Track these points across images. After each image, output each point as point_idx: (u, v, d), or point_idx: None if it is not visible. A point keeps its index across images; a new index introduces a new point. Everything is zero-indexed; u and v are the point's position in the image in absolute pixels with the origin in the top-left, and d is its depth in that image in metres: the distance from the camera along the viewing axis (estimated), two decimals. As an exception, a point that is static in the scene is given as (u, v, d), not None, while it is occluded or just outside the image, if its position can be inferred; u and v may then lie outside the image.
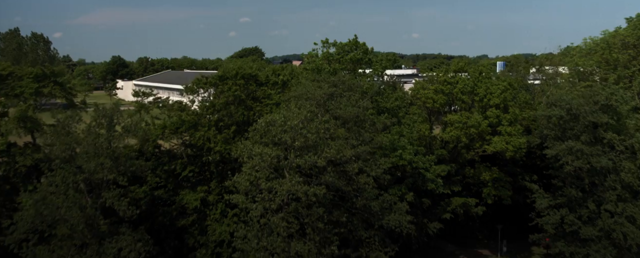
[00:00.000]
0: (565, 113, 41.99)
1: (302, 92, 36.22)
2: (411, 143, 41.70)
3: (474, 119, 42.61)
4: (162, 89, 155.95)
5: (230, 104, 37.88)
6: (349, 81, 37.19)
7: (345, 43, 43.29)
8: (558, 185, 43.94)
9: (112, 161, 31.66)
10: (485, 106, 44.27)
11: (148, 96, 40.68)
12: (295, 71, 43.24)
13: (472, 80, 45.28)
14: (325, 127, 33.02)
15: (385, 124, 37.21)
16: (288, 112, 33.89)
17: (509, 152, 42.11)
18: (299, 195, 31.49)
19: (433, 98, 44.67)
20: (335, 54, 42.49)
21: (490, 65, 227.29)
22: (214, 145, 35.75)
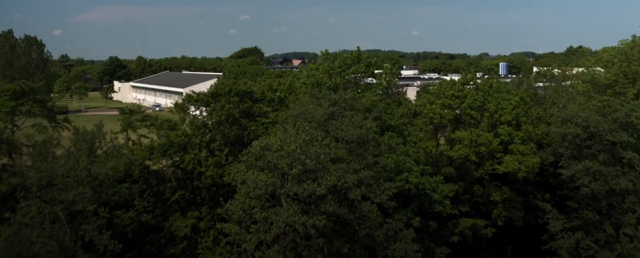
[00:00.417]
0: (582, 131, 39.33)
1: (300, 111, 33.57)
2: (417, 162, 39.11)
3: (485, 137, 39.95)
4: (160, 91, 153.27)
5: (223, 123, 35.21)
6: (351, 99, 34.47)
7: (347, 55, 40.62)
8: (573, 207, 41.33)
9: (93, 190, 29.00)
10: (496, 122, 41.61)
11: (135, 113, 37.93)
12: (294, 86, 40.56)
13: (482, 94, 42.57)
14: (325, 152, 30.39)
15: (390, 145, 34.56)
16: (285, 135, 31.25)
17: (521, 172, 39.48)
18: (296, 227, 28.98)
19: (440, 113, 42.01)
20: (336, 67, 39.79)
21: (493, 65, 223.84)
22: (205, 169, 33.10)
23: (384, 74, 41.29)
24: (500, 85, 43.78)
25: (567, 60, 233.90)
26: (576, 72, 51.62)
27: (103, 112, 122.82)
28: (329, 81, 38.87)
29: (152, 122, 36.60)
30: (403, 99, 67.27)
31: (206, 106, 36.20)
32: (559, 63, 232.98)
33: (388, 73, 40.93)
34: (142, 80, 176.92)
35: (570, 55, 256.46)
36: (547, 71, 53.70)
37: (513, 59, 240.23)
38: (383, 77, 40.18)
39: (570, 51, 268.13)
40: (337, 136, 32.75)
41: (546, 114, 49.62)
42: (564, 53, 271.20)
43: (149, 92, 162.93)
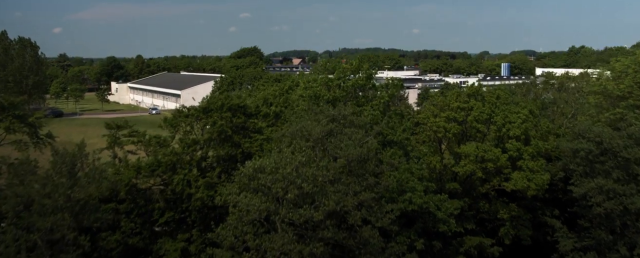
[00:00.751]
0: (595, 147, 37.24)
1: (297, 128, 31.47)
2: (420, 179, 37.06)
3: (492, 153, 37.87)
4: (157, 93, 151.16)
5: (215, 140, 33.14)
6: (351, 115, 32.37)
7: (346, 66, 38.50)
8: (585, 226, 39.30)
9: (73, 216, 26.94)
10: (503, 136, 39.52)
11: (122, 128, 35.84)
12: (290, 99, 38.47)
13: (489, 106, 40.46)
14: (323, 174, 28.34)
15: (392, 164, 32.47)
16: (280, 156, 29.20)
17: (531, 190, 37.40)
18: (292, 256, 27.01)
19: (445, 127, 39.90)
20: (335, 78, 37.66)
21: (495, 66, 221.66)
22: (194, 190, 31.02)
23: (385, 86, 39.11)
24: (507, 97, 41.61)
25: (569, 60, 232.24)
26: (586, 81, 49.42)
27: (99, 115, 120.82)
28: (328, 94, 36.74)
29: (139, 138, 34.49)
30: (405, 107, 65.20)
31: (197, 121, 34.08)
32: (561, 63, 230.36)
33: (390, 85, 38.77)
34: (140, 81, 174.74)
35: (572, 55, 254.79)
36: (554, 77, 51.43)
37: (515, 59, 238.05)
38: (384, 90, 38.01)
39: (573, 51, 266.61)
40: (335, 155, 30.70)
41: (555, 124, 47.54)
42: (567, 53, 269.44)
43: (146, 94, 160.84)
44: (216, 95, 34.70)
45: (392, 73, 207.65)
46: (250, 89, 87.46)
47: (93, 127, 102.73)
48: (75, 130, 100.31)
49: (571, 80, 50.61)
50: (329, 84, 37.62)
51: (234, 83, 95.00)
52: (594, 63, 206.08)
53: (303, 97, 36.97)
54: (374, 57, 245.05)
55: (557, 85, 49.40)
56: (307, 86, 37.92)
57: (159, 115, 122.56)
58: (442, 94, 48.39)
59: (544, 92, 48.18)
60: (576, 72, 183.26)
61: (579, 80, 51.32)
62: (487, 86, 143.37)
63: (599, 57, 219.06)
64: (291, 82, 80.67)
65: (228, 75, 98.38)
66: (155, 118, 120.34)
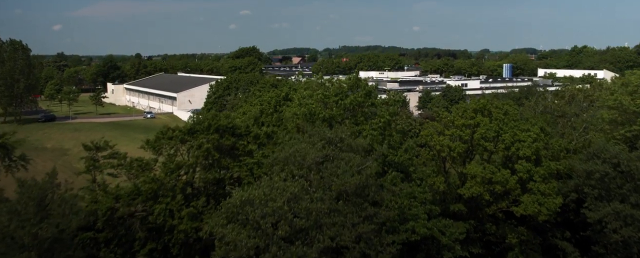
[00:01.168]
0: (611, 169, 34.63)
1: (289, 153, 28.86)
2: (423, 203, 34.49)
3: (501, 175, 35.25)
4: (153, 95, 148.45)
5: (201, 164, 30.53)
6: (348, 139, 29.73)
7: (344, 80, 35.86)
8: (599, 252, 36.73)
9: (40, 256, 24.32)
10: (512, 156, 36.88)
11: (103, 150, 33.20)
12: (284, 117, 35.84)
13: (496, 123, 37.80)
14: (317, 207, 25.76)
15: (393, 191, 29.89)
16: (270, 185, 26.62)
17: (542, 215, 34.80)
18: (284, 298, 24.49)
19: (449, 146, 37.25)
20: (332, 94, 34.99)
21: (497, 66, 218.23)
22: (177, 222, 28.38)
23: (386, 102, 36.48)
24: (515, 112, 38.93)
25: (571, 60, 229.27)
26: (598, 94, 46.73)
27: (92, 119, 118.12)
28: (324, 112, 34.09)
29: (120, 161, 31.84)
30: (405, 117, 62.49)
31: (182, 143, 31.42)
32: (563, 63, 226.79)
33: (391, 102, 36.14)
34: (136, 82, 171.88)
35: (575, 55, 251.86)
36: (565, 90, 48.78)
37: (516, 59, 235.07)
38: (384, 108, 35.32)
39: (575, 51, 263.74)
40: (331, 184, 28.09)
41: (565, 138, 44.87)
42: (569, 53, 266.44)
43: (142, 95, 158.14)
44: (202, 114, 32.03)
45: (392, 74, 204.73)
46: (246, 94, 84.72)
47: (85, 132, 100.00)
48: (66, 136, 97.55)
49: (582, 91, 47.96)
50: (325, 101, 34.96)
51: (229, 88, 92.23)
52: (597, 64, 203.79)
53: (297, 115, 34.32)
54: (374, 57, 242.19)
55: (567, 97, 46.73)
56: (302, 102, 35.27)
57: (154, 119, 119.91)
58: (446, 109, 45.68)
59: (553, 104, 45.52)
60: (579, 74, 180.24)
61: (591, 92, 48.63)
62: (489, 88, 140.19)
63: (602, 58, 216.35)
64: (288, 89, 78.11)
65: (224, 80, 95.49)
66: (149, 122, 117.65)
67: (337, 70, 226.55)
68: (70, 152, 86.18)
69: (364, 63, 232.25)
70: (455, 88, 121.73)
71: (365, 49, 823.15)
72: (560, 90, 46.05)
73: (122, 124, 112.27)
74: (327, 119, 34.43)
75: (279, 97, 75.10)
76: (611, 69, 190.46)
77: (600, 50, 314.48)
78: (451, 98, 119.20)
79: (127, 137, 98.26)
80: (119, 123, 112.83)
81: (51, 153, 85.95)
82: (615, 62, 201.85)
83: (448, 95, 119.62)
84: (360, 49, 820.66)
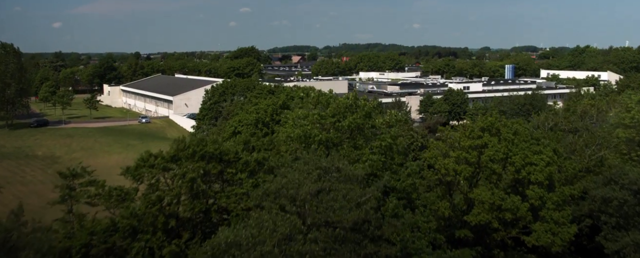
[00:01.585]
0: (631, 196, 32.04)
1: (281, 184, 26.30)
2: (427, 232, 32.00)
3: (511, 201, 32.66)
4: (149, 98, 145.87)
5: (185, 194, 27.96)
6: (346, 168, 27.14)
7: (342, 99, 33.25)
8: (617, 285, 34.14)
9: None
10: (523, 180, 34.28)
11: (80, 176, 30.62)
12: (277, 141, 33.24)
13: (505, 144, 35.19)
14: (311, 250, 23.23)
15: (395, 225, 27.31)
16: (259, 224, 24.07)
17: (556, 246, 32.24)
18: None
19: (456, 169, 34.67)
20: (329, 115, 32.37)
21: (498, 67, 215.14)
22: (158, 262, 25.80)
23: (387, 123, 33.90)
24: (526, 132, 36.29)
25: (574, 60, 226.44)
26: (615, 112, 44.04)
27: (86, 124, 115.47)
28: (320, 134, 31.48)
29: (98, 189, 29.26)
30: (407, 129, 59.84)
31: (165, 171, 28.83)
32: (566, 63, 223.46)
33: (393, 120, 33.55)
34: (133, 84, 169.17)
35: (577, 55, 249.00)
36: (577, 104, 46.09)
37: (518, 60, 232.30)
38: (386, 130, 32.73)
39: (578, 50, 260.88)
40: (327, 220, 25.54)
41: (576, 155, 42.24)
42: (571, 53, 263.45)
43: (138, 98, 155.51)
44: (187, 140, 29.39)
45: (393, 75, 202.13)
46: (242, 101, 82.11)
47: (78, 139, 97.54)
48: (58, 142, 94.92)
49: (595, 106, 45.33)
50: (321, 122, 32.35)
51: (225, 93, 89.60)
52: (601, 65, 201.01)
53: (291, 138, 31.72)
54: (375, 57, 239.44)
55: (579, 112, 44.11)
56: (296, 123, 32.67)
57: (149, 123, 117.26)
58: (452, 128, 43.13)
59: (564, 121, 42.89)
60: (583, 75, 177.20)
61: (604, 107, 45.99)
62: (491, 91, 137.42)
63: (605, 59, 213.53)
64: (285, 96, 75.46)
65: (219, 85, 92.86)
66: (144, 127, 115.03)
67: (337, 70, 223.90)
68: (61, 160, 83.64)
69: (364, 63, 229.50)
70: (457, 92, 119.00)
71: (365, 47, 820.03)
72: (571, 104, 43.40)
73: (116, 129, 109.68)
74: (324, 142, 31.84)
75: (276, 105, 72.60)
76: (615, 70, 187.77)
77: (603, 50, 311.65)
78: (453, 102, 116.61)
79: (120, 143, 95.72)
80: (112, 128, 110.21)
81: (41, 161, 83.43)
82: (619, 63, 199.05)
83: (450, 99, 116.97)
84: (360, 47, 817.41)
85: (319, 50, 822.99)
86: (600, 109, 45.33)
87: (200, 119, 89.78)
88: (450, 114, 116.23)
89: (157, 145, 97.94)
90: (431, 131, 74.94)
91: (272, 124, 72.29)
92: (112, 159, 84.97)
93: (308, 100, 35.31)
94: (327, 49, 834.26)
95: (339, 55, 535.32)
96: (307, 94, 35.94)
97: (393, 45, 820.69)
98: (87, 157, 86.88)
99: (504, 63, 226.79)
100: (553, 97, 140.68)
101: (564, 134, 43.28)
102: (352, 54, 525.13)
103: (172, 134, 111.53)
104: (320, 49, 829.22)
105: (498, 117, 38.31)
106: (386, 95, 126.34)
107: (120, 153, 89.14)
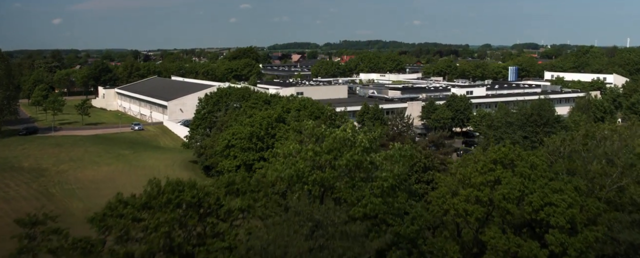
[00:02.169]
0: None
1: (267, 242, 22.76)
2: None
3: (528, 248, 29.12)
4: (144, 102, 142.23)
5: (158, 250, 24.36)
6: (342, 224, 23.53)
7: (338, 132, 29.53)
8: None
9: None
10: (542, 222, 30.68)
11: (41, 224, 26.99)
12: (264, 184, 29.59)
13: (521, 180, 31.57)
14: None
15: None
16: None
17: (579, 300, 28.66)
18: None
19: (466, 209, 31.08)
20: (324, 151, 28.68)
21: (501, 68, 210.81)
22: None
23: (390, 158, 30.16)
24: (545, 166, 32.64)
25: (578, 61, 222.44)
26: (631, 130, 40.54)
27: (77, 132, 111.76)
28: (314, 174, 27.84)
29: (61, 241, 25.65)
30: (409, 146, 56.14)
31: (135, 222, 25.21)
32: (570, 64, 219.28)
33: (396, 157, 29.83)
34: (128, 87, 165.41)
35: (581, 56, 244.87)
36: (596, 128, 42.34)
37: (521, 61, 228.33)
38: (387, 167, 29.01)
39: (582, 50, 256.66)
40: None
41: (594, 183, 38.60)
42: (575, 53, 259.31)
43: (133, 101, 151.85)
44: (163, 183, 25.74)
45: (394, 76, 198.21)
46: (236, 111, 78.47)
47: (67, 148, 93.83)
48: (46, 152, 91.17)
49: (616, 132, 41.64)
50: (315, 159, 28.67)
51: (219, 102, 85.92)
52: (606, 67, 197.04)
53: (282, 178, 28.08)
54: (375, 58, 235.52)
55: (598, 138, 40.50)
56: (287, 161, 28.99)
57: (142, 131, 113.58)
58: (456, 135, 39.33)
59: (581, 147, 39.24)
60: (588, 77, 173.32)
61: (627, 133, 42.28)
62: (495, 96, 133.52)
63: (611, 60, 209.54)
64: (281, 109, 71.83)
65: (214, 93, 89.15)
66: (136, 135, 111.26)
67: (337, 71, 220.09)
68: (47, 172, 79.97)
69: (365, 64, 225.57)
70: (460, 97, 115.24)
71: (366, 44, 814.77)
72: (589, 128, 39.73)
73: (107, 137, 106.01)
74: (319, 182, 28.19)
75: (272, 119, 69.11)
76: (620, 72, 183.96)
77: (606, 49, 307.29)
78: (456, 108, 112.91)
79: (110, 153, 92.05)
80: (104, 136, 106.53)
81: (27, 174, 79.70)
82: (624, 65, 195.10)
83: (453, 105, 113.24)
84: (361, 44, 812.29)
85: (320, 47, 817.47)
86: (622, 135, 41.74)
87: (193, 129, 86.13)
88: (453, 120, 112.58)
89: (149, 155, 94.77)
90: (435, 146, 71.24)
91: (267, 139, 69.04)
92: (101, 172, 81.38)
93: (300, 135, 31.60)
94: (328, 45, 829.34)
95: (339, 53, 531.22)
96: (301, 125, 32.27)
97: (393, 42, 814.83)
98: (75, 169, 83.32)
99: (507, 64, 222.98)
100: (559, 102, 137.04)
101: (583, 162, 39.60)
102: (352, 52, 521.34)
103: (165, 143, 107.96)
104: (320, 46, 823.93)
105: (512, 147, 34.69)
106: (387, 101, 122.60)
107: (110, 164, 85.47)
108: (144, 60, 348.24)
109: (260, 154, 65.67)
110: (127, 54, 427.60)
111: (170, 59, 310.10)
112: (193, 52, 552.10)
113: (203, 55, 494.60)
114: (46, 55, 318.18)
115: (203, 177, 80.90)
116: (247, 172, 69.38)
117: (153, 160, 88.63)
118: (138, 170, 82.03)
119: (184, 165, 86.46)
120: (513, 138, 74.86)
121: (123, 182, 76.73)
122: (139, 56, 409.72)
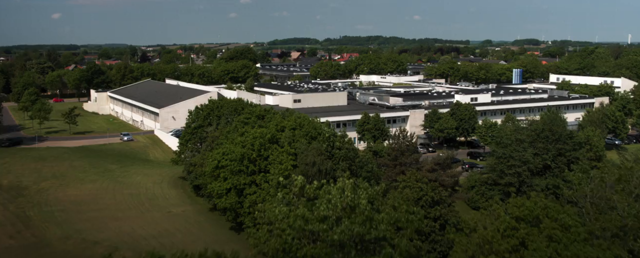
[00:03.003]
0: None
1: None
2: None
3: None
4: (136, 108, 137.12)
5: None
6: None
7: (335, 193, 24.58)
8: None
9: None
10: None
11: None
12: None
13: (551, 245, 26.61)
14: None
15: None
16: None
17: None
18: None
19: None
20: (317, 218, 23.71)
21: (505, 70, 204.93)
22: None
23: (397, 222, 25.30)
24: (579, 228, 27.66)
25: (583, 63, 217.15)
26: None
27: (63, 142, 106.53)
28: (305, 248, 22.93)
29: None
30: (414, 181, 51.14)
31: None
32: (575, 66, 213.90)
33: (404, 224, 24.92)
34: (120, 90, 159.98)
35: (586, 56, 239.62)
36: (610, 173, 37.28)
37: (526, 63, 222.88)
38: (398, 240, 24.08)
39: (587, 51, 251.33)
40: None
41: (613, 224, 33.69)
42: (579, 54, 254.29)
43: (126, 106, 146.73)
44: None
45: (394, 78, 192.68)
46: (228, 127, 73.37)
47: (50, 163, 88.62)
48: (28, 167, 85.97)
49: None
50: (305, 228, 23.70)
51: (211, 116, 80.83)
52: (613, 69, 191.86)
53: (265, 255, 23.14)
54: (376, 58, 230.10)
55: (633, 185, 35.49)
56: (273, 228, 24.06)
57: (131, 141, 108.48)
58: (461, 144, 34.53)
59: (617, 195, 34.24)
60: (595, 81, 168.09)
61: None
62: (500, 102, 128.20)
63: (617, 63, 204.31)
64: (274, 127, 66.65)
65: (205, 106, 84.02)
66: (125, 147, 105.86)
67: (337, 73, 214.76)
68: (26, 191, 74.82)
69: (365, 64, 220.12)
70: (465, 106, 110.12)
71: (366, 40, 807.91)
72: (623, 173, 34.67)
73: (94, 149, 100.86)
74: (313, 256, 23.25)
75: (264, 139, 64.03)
76: (628, 74, 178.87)
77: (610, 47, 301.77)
78: (461, 117, 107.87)
79: (96, 168, 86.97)
80: (91, 148, 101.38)
81: (5, 193, 74.55)
82: (632, 67, 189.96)
83: (457, 114, 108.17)
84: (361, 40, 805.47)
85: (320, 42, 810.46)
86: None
87: (182, 144, 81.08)
88: (457, 130, 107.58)
89: (137, 170, 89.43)
90: (442, 168, 66.33)
91: (260, 161, 64.07)
92: (84, 190, 76.29)
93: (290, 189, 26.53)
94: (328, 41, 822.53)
95: (339, 49, 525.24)
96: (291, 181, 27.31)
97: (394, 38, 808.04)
98: (57, 188, 78.07)
99: (511, 66, 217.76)
100: (567, 109, 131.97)
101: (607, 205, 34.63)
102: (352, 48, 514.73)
103: (155, 155, 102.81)
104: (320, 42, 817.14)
105: (537, 201, 29.70)
106: (388, 109, 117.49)
107: (94, 181, 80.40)
108: (142, 59, 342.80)
109: (252, 178, 60.77)
110: (125, 51, 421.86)
111: (167, 58, 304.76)
112: (192, 49, 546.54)
113: (202, 52, 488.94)
114: (42, 53, 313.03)
115: (193, 195, 76.02)
116: (237, 197, 64.93)
117: (141, 176, 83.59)
118: (124, 188, 77.03)
119: (173, 182, 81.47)
120: (523, 158, 69.90)
121: (107, 203, 71.75)
122: (137, 53, 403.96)
